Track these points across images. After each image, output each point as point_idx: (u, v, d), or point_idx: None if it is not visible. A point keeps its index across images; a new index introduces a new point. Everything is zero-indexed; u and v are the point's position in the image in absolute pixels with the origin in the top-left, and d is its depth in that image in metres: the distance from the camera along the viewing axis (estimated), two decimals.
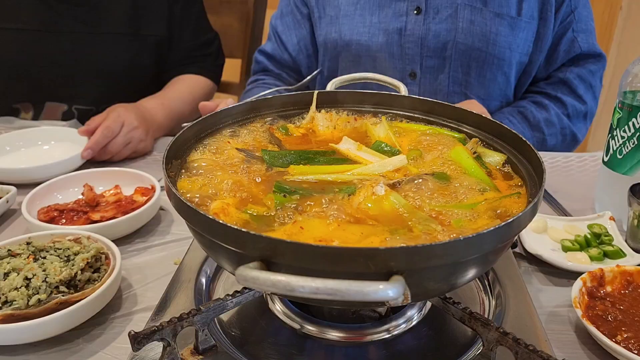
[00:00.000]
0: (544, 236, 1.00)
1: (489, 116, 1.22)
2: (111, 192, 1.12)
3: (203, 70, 1.78)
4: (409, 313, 0.74)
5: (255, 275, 0.48)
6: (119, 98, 1.54)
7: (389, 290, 0.47)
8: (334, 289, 0.46)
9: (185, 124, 0.83)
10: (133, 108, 1.42)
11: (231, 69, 2.16)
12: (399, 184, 0.70)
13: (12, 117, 1.59)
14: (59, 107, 1.66)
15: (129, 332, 0.60)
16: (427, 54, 1.43)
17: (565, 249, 0.97)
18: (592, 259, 0.93)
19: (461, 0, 1.38)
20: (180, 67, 1.76)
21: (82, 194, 1.08)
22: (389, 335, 0.72)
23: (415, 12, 1.41)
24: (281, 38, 1.61)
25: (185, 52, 1.76)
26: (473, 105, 1.31)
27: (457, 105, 1.09)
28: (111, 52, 1.64)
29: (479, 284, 0.82)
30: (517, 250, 0.97)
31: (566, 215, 1.09)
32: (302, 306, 0.74)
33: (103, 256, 0.89)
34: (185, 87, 1.71)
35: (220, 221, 0.55)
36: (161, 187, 1.11)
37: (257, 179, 0.73)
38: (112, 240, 0.92)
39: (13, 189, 1.12)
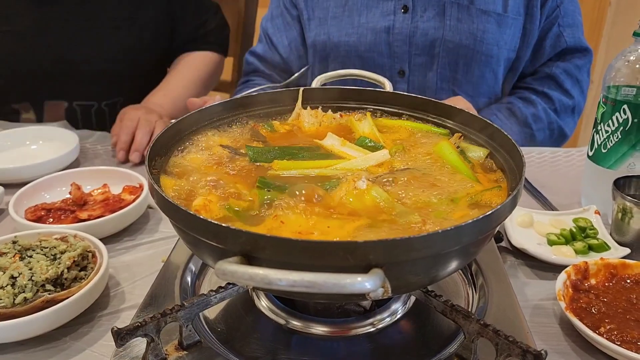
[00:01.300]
0: (530, 230, 1.01)
1: (473, 111, 1.23)
2: (99, 191, 1.12)
3: (209, 46, 1.75)
4: (394, 307, 0.75)
5: (233, 269, 0.48)
6: (120, 90, 1.51)
7: (366, 283, 0.48)
8: (311, 281, 0.46)
9: (172, 120, 0.83)
10: (141, 106, 1.43)
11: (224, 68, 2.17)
12: (381, 178, 0.70)
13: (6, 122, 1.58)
14: (59, 105, 1.65)
15: (112, 328, 0.60)
16: (416, 52, 1.44)
17: (551, 243, 0.97)
18: (577, 252, 0.94)
19: None
20: (185, 49, 1.73)
21: (70, 193, 1.08)
22: (374, 329, 0.72)
23: (402, 10, 1.42)
24: (272, 40, 1.62)
25: (190, 34, 1.73)
26: (459, 102, 1.31)
27: (443, 101, 1.09)
28: (109, 42, 1.61)
29: (463, 277, 0.82)
30: (503, 244, 0.98)
31: (553, 210, 1.10)
32: (287, 302, 0.74)
33: (90, 254, 0.89)
34: (188, 68, 1.68)
35: (201, 217, 0.55)
36: None
37: (241, 175, 0.73)
38: (101, 239, 0.92)
39: (0, 188, 1.12)
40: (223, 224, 0.53)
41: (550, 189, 1.18)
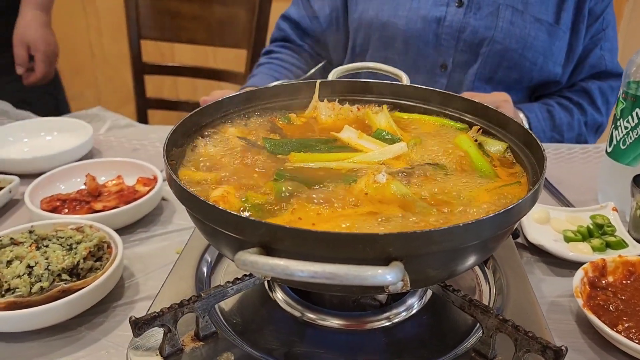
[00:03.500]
0: (546, 227, 1.00)
1: (510, 108, 1.21)
2: (113, 182, 1.12)
3: None
4: (410, 301, 0.74)
5: (254, 259, 0.48)
6: None
7: (387, 275, 0.47)
8: (332, 273, 0.46)
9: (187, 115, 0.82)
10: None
11: (236, 59, 2.17)
12: (400, 172, 0.69)
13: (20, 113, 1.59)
14: None
15: (130, 318, 0.60)
16: (462, 48, 1.41)
17: (568, 240, 0.96)
18: (594, 249, 0.93)
19: (503, 0, 1.37)
20: None
21: (85, 183, 1.09)
22: (390, 323, 0.72)
23: (456, 4, 1.39)
24: (312, 6, 1.56)
25: None
26: (505, 106, 1.25)
27: (489, 94, 1.05)
28: None
29: (480, 272, 0.82)
30: (519, 240, 0.97)
31: (569, 207, 1.09)
32: (302, 294, 0.74)
33: (105, 245, 0.89)
34: None
35: (220, 207, 0.55)
36: (163, 177, 1.12)
37: (258, 167, 0.73)
38: (115, 230, 0.92)
39: (16, 179, 1.13)
40: (243, 215, 0.53)
41: (566, 185, 1.17)
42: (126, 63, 2.22)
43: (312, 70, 1.47)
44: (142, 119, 2.26)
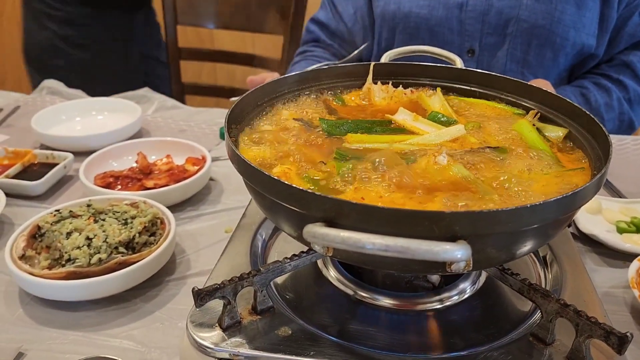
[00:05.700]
0: (598, 217, 0.98)
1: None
2: (163, 161, 1.15)
3: None
4: (462, 285, 0.74)
5: (325, 232, 0.48)
6: None
7: (457, 252, 0.47)
8: (404, 246, 0.46)
9: (234, 98, 0.83)
10: None
11: (273, 45, 2.17)
12: (459, 155, 0.69)
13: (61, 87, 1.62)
14: None
15: (193, 288, 0.61)
16: (488, 31, 1.39)
17: (621, 231, 0.95)
18: None
19: None
20: None
21: (136, 161, 1.11)
22: (441, 305, 0.72)
23: None
24: (337, 7, 1.59)
25: None
26: (543, 85, 1.24)
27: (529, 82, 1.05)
28: None
29: (535, 259, 0.81)
30: (570, 230, 0.95)
31: (621, 198, 1.07)
32: (355, 273, 0.75)
33: (158, 221, 0.91)
34: None
35: (286, 182, 0.56)
36: (212, 157, 1.14)
37: (315, 147, 0.73)
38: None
39: (70, 155, 1.16)
40: (309, 190, 0.54)
41: (617, 176, 1.15)
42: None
43: (355, 52, 1.47)
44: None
